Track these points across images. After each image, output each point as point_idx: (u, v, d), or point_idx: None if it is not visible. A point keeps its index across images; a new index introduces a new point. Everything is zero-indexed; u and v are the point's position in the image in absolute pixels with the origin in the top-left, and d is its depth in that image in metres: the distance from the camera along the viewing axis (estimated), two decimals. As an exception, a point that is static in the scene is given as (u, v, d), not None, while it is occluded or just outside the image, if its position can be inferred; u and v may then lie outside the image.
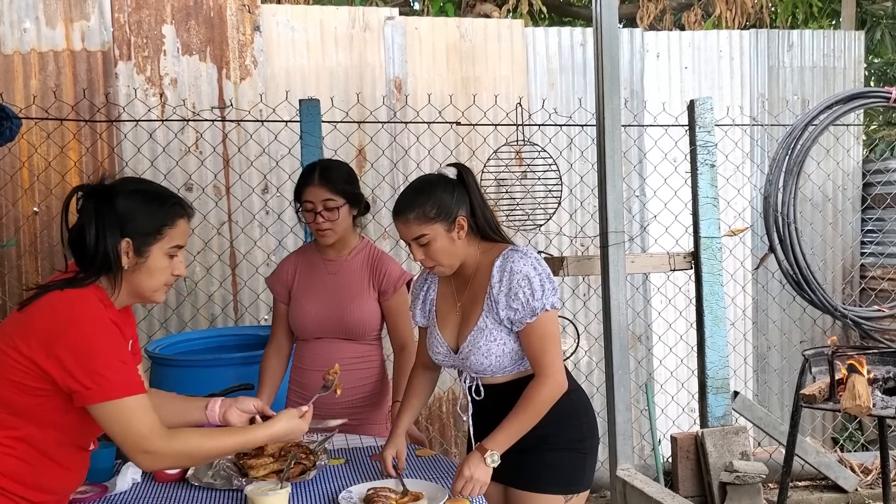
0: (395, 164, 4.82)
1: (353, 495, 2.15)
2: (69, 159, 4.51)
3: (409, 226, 2.24)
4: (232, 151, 4.71)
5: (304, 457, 2.38)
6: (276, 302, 3.01)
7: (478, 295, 2.32)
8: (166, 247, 1.87)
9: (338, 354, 2.85)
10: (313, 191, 2.80)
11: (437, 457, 2.57)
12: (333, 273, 2.91)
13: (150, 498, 2.20)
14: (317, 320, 2.88)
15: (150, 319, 4.67)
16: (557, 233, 4.97)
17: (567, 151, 5.03)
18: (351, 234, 2.92)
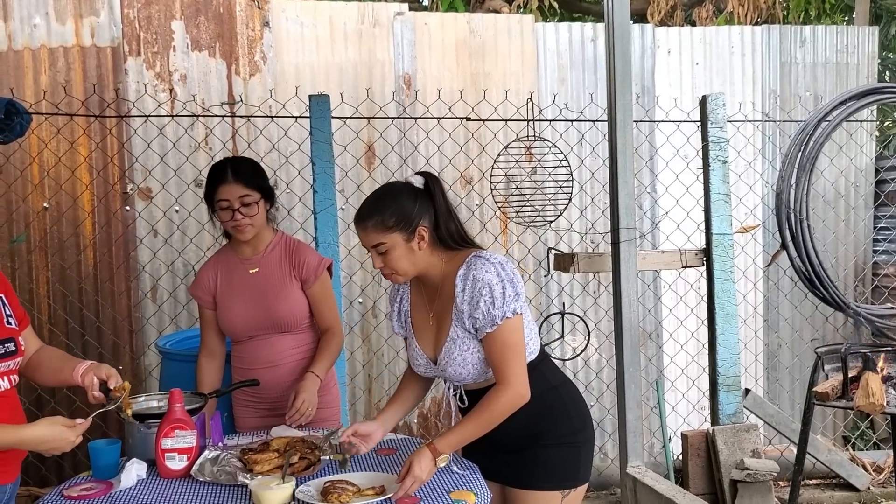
0: (404, 160, 4.81)
1: (310, 488, 2.14)
2: (79, 155, 4.51)
3: (367, 233, 2.23)
4: (241, 148, 4.70)
5: (308, 452, 2.37)
6: (201, 309, 3.00)
7: (447, 304, 2.30)
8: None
9: (275, 349, 2.89)
10: (228, 188, 2.78)
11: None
12: (254, 270, 2.90)
13: (154, 494, 2.19)
14: (246, 320, 2.88)
15: (161, 315, 4.67)
16: (568, 229, 4.95)
17: (578, 147, 5.00)
18: (266, 228, 2.92)
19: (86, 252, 4.59)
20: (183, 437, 2.31)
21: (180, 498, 2.16)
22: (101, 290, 4.61)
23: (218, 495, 2.17)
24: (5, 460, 2.01)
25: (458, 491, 2.16)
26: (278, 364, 2.90)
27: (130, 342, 4.65)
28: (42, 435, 1.91)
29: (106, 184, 4.59)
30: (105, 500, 2.13)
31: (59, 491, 2.20)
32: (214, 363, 3.00)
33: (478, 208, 4.92)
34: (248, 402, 2.96)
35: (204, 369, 2.98)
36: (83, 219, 4.57)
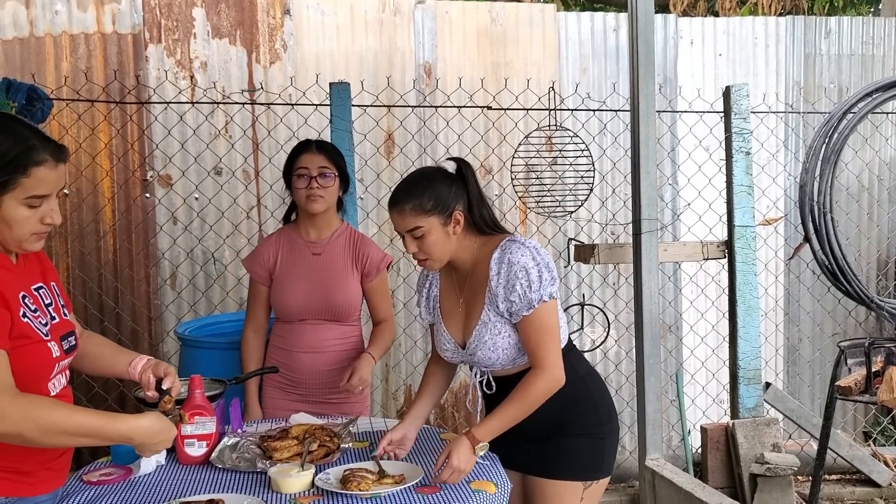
0: (424, 149, 4.78)
1: (329, 476, 2.13)
2: (100, 141, 4.52)
3: (404, 217, 2.21)
4: (261, 135, 4.69)
5: (328, 439, 2.37)
6: (254, 284, 3.01)
7: (478, 289, 2.29)
8: (21, 197, 1.72)
9: (321, 336, 2.92)
10: (309, 157, 2.87)
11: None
12: (317, 254, 2.93)
13: (174, 480, 2.19)
14: (302, 301, 2.89)
15: (180, 302, 4.68)
16: (589, 220, 4.91)
17: (600, 137, 4.96)
18: (334, 214, 2.99)
19: (106, 238, 4.61)
20: (203, 424, 2.32)
21: (200, 484, 2.16)
22: (121, 277, 4.62)
23: (237, 482, 2.17)
24: (62, 462, 1.94)
25: (478, 481, 2.15)
26: (321, 351, 2.91)
27: (149, 329, 4.67)
28: (151, 428, 1.81)
29: (126, 170, 4.60)
30: (124, 486, 2.14)
31: (79, 476, 2.21)
32: (260, 338, 3.03)
33: (497, 198, 4.89)
34: (280, 384, 2.96)
35: (251, 343, 3.01)
36: (103, 205, 4.58)
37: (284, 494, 2.06)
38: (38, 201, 1.75)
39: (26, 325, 1.77)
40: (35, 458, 1.83)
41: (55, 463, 1.91)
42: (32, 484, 1.85)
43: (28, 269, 1.91)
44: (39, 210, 1.76)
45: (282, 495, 2.05)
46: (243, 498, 1.99)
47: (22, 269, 1.88)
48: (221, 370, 2.92)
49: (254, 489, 2.10)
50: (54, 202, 1.79)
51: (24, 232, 1.77)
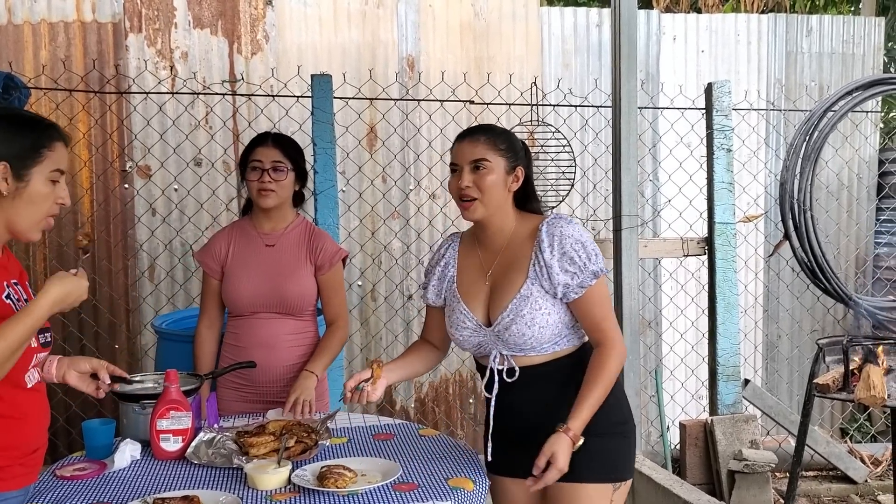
0: (406, 142, 4.77)
1: (306, 473, 2.10)
2: (78, 131, 4.47)
3: (475, 145, 2.17)
4: (242, 126, 4.65)
5: (305, 435, 2.35)
6: (206, 277, 2.95)
7: (517, 263, 2.19)
8: (47, 170, 1.79)
9: (275, 330, 2.85)
10: (263, 150, 2.82)
11: (440, 437, 2.53)
12: (270, 245, 2.87)
13: (149, 475, 2.17)
14: (253, 294, 2.83)
15: (158, 294, 4.64)
16: (570, 215, 4.90)
17: (581, 133, 4.96)
18: (289, 208, 2.91)
19: (83, 229, 4.55)
20: (178, 419, 2.29)
21: (174, 480, 2.13)
22: (99, 269, 4.57)
23: (213, 478, 2.14)
24: (35, 458, 1.93)
25: (456, 478, 2.14)
26: (274, 346, 2.84)
27: (127, 321, 4.62)
28: (61, 289, 1.78)
29: (105, 161, 4.55)
30: (98, 481, 2.11)
31: (52, 471, 2.17)
32: (213, 333, 2.95)
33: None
34: (234, 384, 2.88)
35: (204, 339, 2.94)
36: (81, 196, 4.53)
37: (260, 491, 2.03)
38: (58, 176, 1.82)
39: (8, 305, 1.80)
40: (8, 454, 1.82)
41: (28, 459, 1.89)
42: (4, 479, 1.83)
43: (9, 264, 1.92)
44: (56, 190, 1.82)
45: (258, 492, 2.03)
46: (219, 494, 1.96)
47: (4, 264, 1.89)
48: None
49: (230, 485, 2.08)
50: (65, 185, 1.86)
51: (43, 212, 1.82)
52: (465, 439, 5.09)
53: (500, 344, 2.21)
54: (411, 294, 4.90)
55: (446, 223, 4.86)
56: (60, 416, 4.31)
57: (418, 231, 4.87)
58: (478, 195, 2.18)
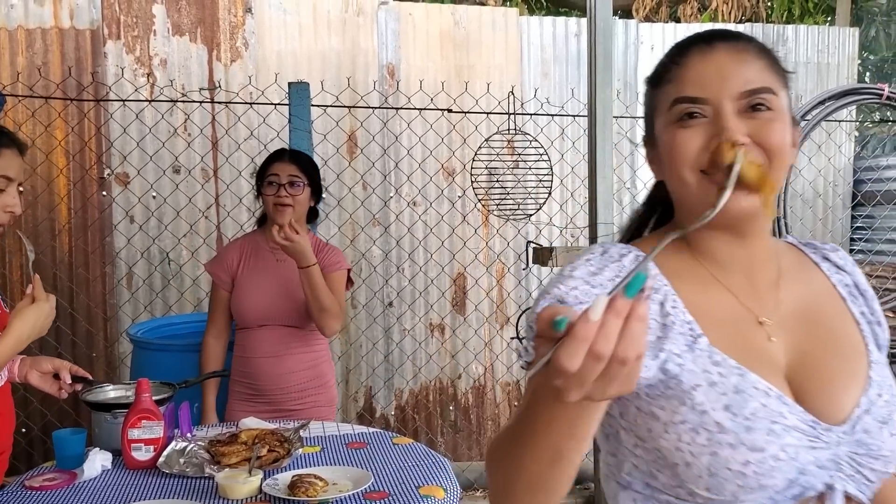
0: (385, 150, 4.78)
1: (278, 482, 2.10)
2: (54, 139, 4.45)
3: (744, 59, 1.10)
4: (220, 134, 4.65)
5: (277, 444, 2.35)
6: (216, 288, 2.98)
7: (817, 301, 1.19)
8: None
9: (283, 342, 2.87)
10: (281, 166, 2.87)
11: (413, 445, 2.54)
12: (281, 260, 2.90)
13: (120, 485, 2.16)
14: (263, 307, 2.87)
15: (135, 302, 4.62)
16: (547, 223, 4.94)
17: (559, 142, 4.99)
18: (302, 224, 2.93)
19: (60, 237, 4.53)
20: (150, 428, 2.28)
21: (146, 489, 2.13)
22: (76, 277, 4.55)
23: (184, 487, 2.14)
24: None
25: (427, 486, 2.15)
26: (282, 356, 2.87)
27: (104, 329, 4.60)
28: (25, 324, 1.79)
29: (82, 168, 4.53)
30: (68, 491, 2.10)
31: (21, 482, 2.16)
32: (220, 344, 2.99)
33: (459, 200, 4.91)
34: (245, 394, 2.92)
35: (210, 349, 2.97)
36: (58, 203, 4.51)
37: (231, 500, 2.04)
38: (4, 183, 1.82)
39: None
40: None
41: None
42: None
43: None
44: (3, 198, 1.82)
45: (229, 501, 2.04)
46: (189, 504, 1.97)
47: None
48: (174, 373, 2.87)
49: (201, 495, 2.08)
50: (16, 192, 1.86)
51: None
52: (445, 447, 5.10)
53: (853, 463, 1.05)
54: (391, 301, 4.91)
55: (425, 230, 4.87)
56: (36, 426, 4.29)
57: (397, 238, 4.88)
58: (761, 152, 1.08)
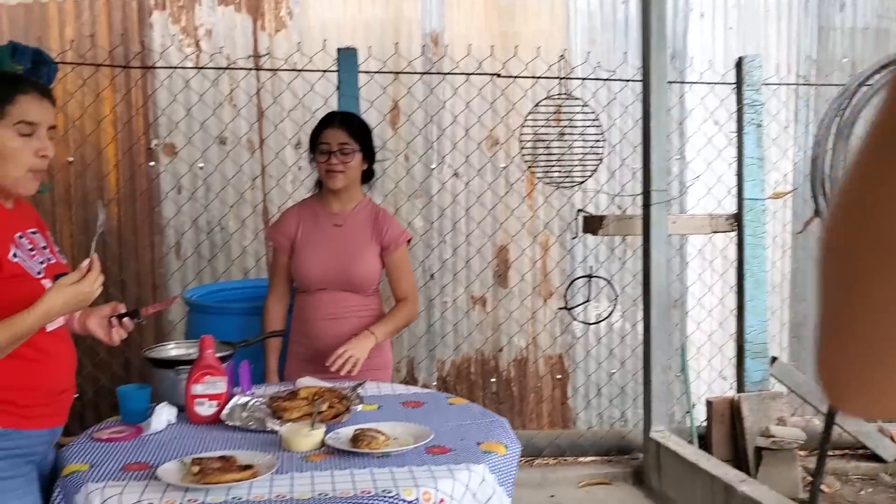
0: (431, 117, 4.73)
1: (339, 436, 2.11)
2: (104, 108, 4.48)
3: None
4: (267, 102, 4.65)
5: (336, 401, 2.36)
6: (276, 253, 3.04)
7: None
8: (10, 124, 1.84)
9: (341, 305, 2.91)
10: (332, 133, 2.87)
11: (469, 405, 2.53)
12: (338, 225, 2.94)
13: (184, 438, 2.18)
14: (321, 272, 2.90)
15: (184, 271, 4.66)
16: (598, 191, 4.87)
17: (610, 107, 4.91)
18: (357, 188, 2.98)
19: (109, 207, 4.57)
20: (213, 384, 2.30)
21: (211, 442, 2.14)
22: (125, 245, 4.60)
23: (247, 440, 2.15)
24: (62, 401, 2.01)
25: (487, 442, 2.14)
26: (339, 318, 2.90)
27: (153, 298, 4.64)
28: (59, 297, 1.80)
29: (130, 138, 4.57)
30: (135, 444, 2.12)
31: (89, 434, 2.20)
32: (281, 308, 3.05)
33: (505, 168, 4.85)
34: (303, 355, 2.95)
35: (272, 312, 3.03)
36: (107, 173, 4.55)
37: (296, 453, 2.04)
38: (28, 128, 1.84)
39: (16, 264, 1.86)
40: (32, 394, 1.91)
41: (53, 400, 1.97)
42: (29, 418, 1.91)
43: (23, 214, 2.00)
44: (32, 142, 1.85)
45: (293, 453, 2.04)
46: (255, 455, 1.97)
47: (15, 214, 1.96)
48: (228, 335, 2.90)
49: (264, 448, 2.08)
50: (45, 136, 1.88)
51: (21, 166, 1.86)
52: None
53: None
54: (434, 273, 4.89)
55: (469, 201, 4.83)
56: (90, 389, 4.36)
57: (441, 209, 4.85)
58: None
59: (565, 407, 5.10)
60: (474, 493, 1.92)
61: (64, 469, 1.95)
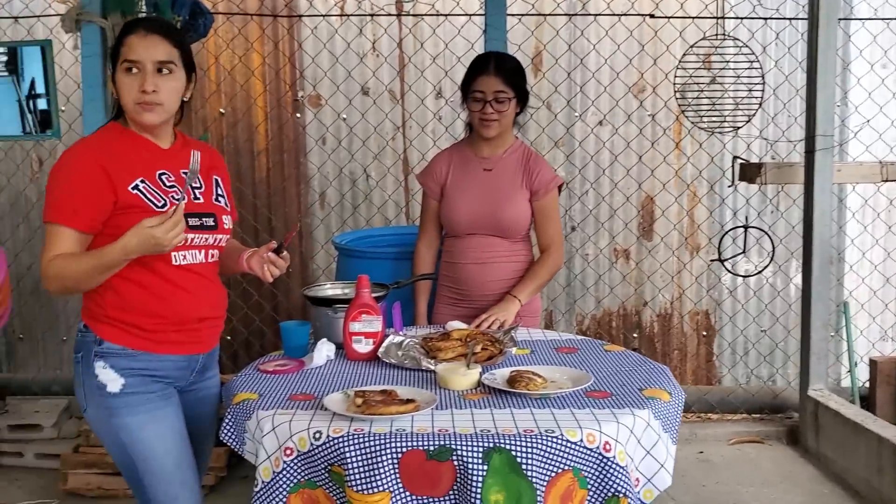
0: (581, 59, 4.58)
1: (496, 377, 2.09)
2: (254, 60, 4.59)
3: None
4: (410, 52, 4.64)
5: (490, 344, 2.34)
6: (426, 198, 3.01)
7: None
8: (121, 63, 2.00)
9: (489, 250, 2.87)
10: (486, 80, 2.79)
11: (626, 352, 2.45)
12: (488, 170, 2.88)
13: (344, 373, 2.22)
14: (470, 216, 2.86)
15: (329, 221, 4.76)
16: (757, 136, 4.60)
17: (772, 48, 4.61)
18: (510, 132, 2.91)
19: (259, 158, 4.71)
20: (369, 322, 2.33)
21: (369, 377, 2.18)
22: (274, 195, 4.73)
23: (404, 377, 2.17)
24: (194, 331, 2.10)
25: (650, 389, 2.06)
26: (487, 262, 2.88)
27: (300, 247, 4.77)
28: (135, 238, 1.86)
29: (279, 90, 4.67)
30: (298, 376, 2.18)
31: (255, 366, 2.28)
32: (431, 252, 3.06)
33: (654, 115, 4.66)
34: (451, 299, 2.96)
35: (422, 256, 3.05)
36: (257, 125, 4.68)
37: (453, 391, 2.04)
38: (131, 65, 1.98)
39: (135, 196, 1.98)
40: (158, 321, 2.02)
41: (184, 328, 2.06)
42: (158, 343, 2.03)
43: (178, 155, 2.09)
44: (136, 78, 1.98)
45: (450, 391, 2.03)
46: (414, 391, 1.98)
47: (168, 154, 2.08)
48: (378, 279, 2.93)
49: (421, 384, 2.09)
50: (150, 72, 1.98)
51: (129, 100, 1.99)
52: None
53: None
54: (574, 226, 4.78)
55: (616, 148, 4.68)
56: (256, 317, 4.60)
57: (586, 157, 4.72)
58: None
59: (710, 365, 4.93)
60: (639, 439, 1.86)
61: (234, 398, 2.02)
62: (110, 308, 2.00)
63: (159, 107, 1.99)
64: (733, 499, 3.54)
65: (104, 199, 1.95)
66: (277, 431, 1.80)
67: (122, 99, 2.01)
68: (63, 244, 1.93)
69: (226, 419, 2.00)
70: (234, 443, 1.99)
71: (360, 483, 1.68)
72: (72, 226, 1.93)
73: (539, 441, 1.72)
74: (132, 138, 2.04)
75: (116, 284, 1.98)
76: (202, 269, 2.08)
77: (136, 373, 2.01)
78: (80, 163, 1.97)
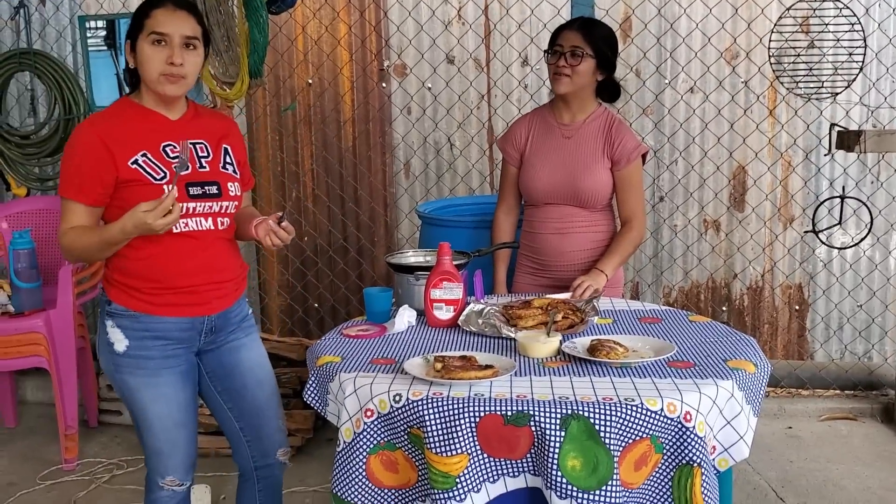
0: (671, 24, 4.45)
1: (576, 345, 2.08)
2: (339, 30, 4.63)
3: None
4: (495, 19, 4.60)
5: (571, 313, 2.33)
6: (505, 165, 2.98)
7: None
8: (146, 35, 2.06)
9: (568, 219, 2.83)
10: (567, 34, 2.76)
11: (711, 323, 2.40)
12: (568, 137, 2.83)
13: (425, 339, 2.25)
14: (549, 185, 2.82)
15: (413, 190, 4.79)
16: (856, 103, 4.40)
17: (875, 9, 4.38)
18: (590, 98, 2.84)
19: (345, 127, 4.77)
20: (450, 289, 2.35)
21: (450, 344, 2.20)
22: (360, 164, 4.79)
23: (484, 345, 2.19)
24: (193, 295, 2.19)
25: (735, 360, 2.02)
26: (566, 232, 2.85)
27: (385, 214, 4.82)
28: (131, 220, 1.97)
29: (364, 60, 4.70)
30: (380, 341, 2.22)
31: (339, 330, 2.34)
32: (511, 220, 3.05)
33: (749, 80, 4.50)
34: (530, 268, 2.95)
35: (501, 224, 3.04)
36: (343, 94, 4.73)
37: (533, 358, 2.04)
38: (159, 37, 2.05)
39: (134, 170, 2.08)
40: (151, 283, 2.13)
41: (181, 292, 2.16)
42: (154, 304, 2.15)
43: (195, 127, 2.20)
44: (164, 50, 2.05)
45: (530, 359, 2.04)
46: (494, 357, 1.99)
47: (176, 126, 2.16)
48: (459, 247, 2.95)
49: (501, 351, 2.11)
50: (177, 45, 2.06)
51: (153, 71, 2.07)
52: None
53: None
54: (662, 196, 4.68)
55: (707, 116, 4.55)
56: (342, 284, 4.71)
57: (675, 125, 4.61)
58: None
59: (802, 339, 4.78)
60: (721, 410, 1.83)
61: (317, 360, 2.07)
62: (115, 272, 2.16)
63: (183, 80, 2.09)
64: (822, 476, 3.45)
65: (107, 174, 2.07)
66: (359, 393, 1.84)
67: (144, 68, 2.09)
68: (74, 217, 2.09)
69: (309, 381, 2.06)
70: (317, 404, 2.04)
71: (439, 445, 1.71)
72: (79, 200, 2.08)
73: (618, 409, 1.71)
74: (140, 112, 2.14)
75: (120, 250, 2.11)
76: (208, 235, 2.17)
77: (138, 335, 2.15)
78: (84, 139, 2.08)
